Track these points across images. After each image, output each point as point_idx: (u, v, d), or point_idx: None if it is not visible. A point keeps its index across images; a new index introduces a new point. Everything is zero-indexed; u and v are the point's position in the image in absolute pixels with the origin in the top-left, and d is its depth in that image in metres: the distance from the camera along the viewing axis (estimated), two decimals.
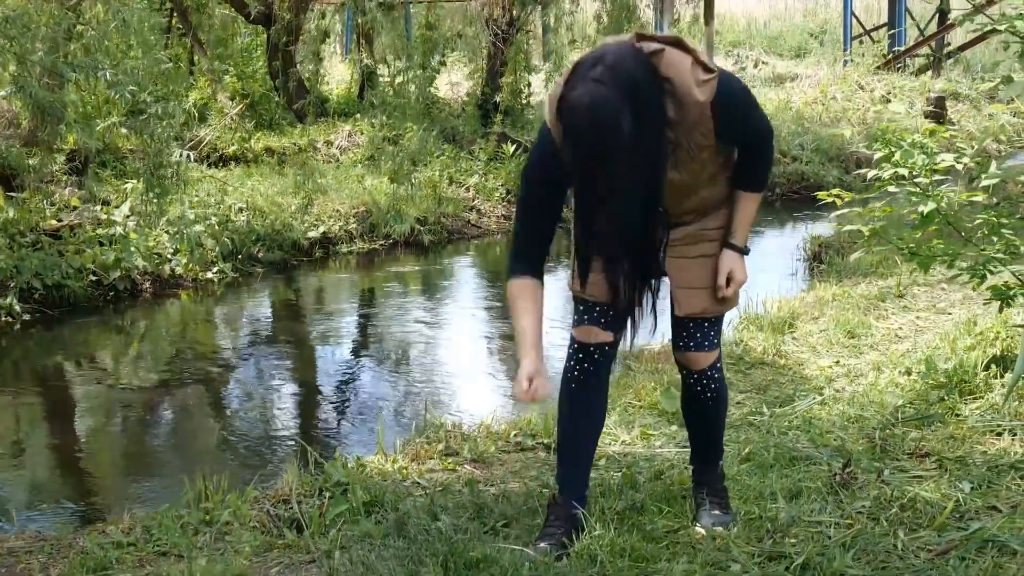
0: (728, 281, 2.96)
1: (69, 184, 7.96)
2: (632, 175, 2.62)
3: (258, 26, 12.28)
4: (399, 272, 8.66)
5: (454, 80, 13.48)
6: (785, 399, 4.46)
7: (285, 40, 11.38)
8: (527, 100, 12.45)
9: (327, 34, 12.04)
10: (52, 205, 7.74)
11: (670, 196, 2.80)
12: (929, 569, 2.84)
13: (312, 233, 8.79)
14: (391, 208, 9.14)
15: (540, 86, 12.22)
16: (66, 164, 7.37)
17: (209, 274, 7.89)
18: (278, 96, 11.91)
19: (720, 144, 2.81)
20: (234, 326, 7.34)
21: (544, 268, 2.91)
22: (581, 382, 3.01)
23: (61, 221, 7.68)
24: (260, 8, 11.73)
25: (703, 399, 3.09)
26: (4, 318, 6.79)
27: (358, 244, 9.00)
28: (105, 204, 8.08)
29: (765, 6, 26.00)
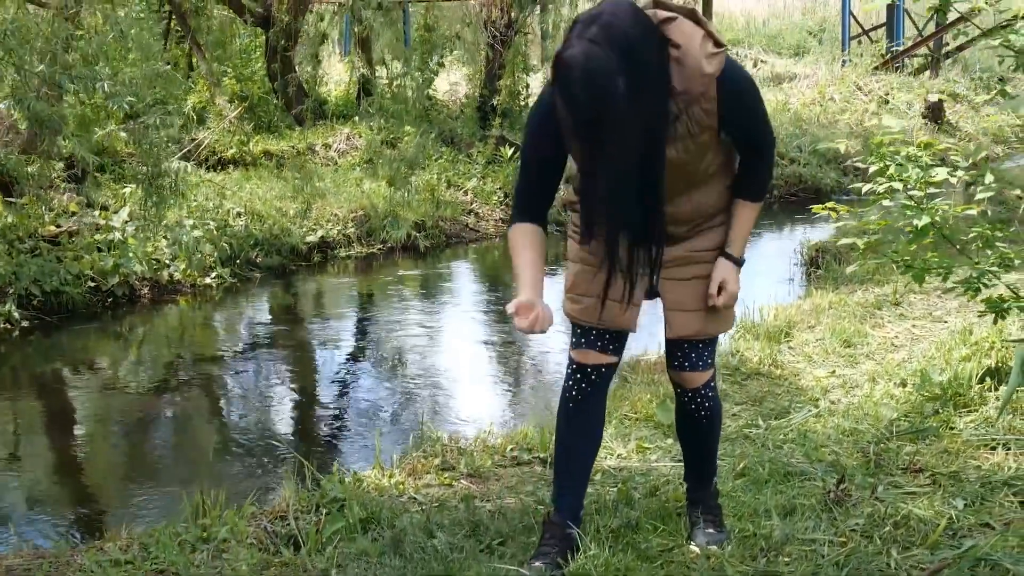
0: (720, 291, 2.93)
1: (68, 190, 7.97)
2: (628, 135, 2.56)
3: (257, 28, 12.30)
4: (397, 277, 8.68)
5: (453, 80, 13.51)
6: (781, 411, 4.48)
7: (284, 43, 11.39)
8: (525, 102, 12.46)
9: (325, 36, 12.04)
10: (51, 211, 7.75)
11: (667, 179, 2.75)
12: None
13: (310, 238, 8.81)
14: (389, 213, 9.15)
15: (538, 88, 12.25)
16: (65, 171, 7.39)
17: (208, 279, 7.91)
18: (277, 98, 11.91)
19: (722, 131, 2.77)
20: (232, 332, 7.35)
21: (547, 217, 2.88)
22: (578, 402, 3.02)
23: (60, 227, 7.69)
24: (259, 10, 11.75)
25: (697, 417, 3.10)
26: (3, 325, 6.81)
27: (356, 248, 9.02)
28: (104, 209, 8.10)
29: (764, 4, 26.00)
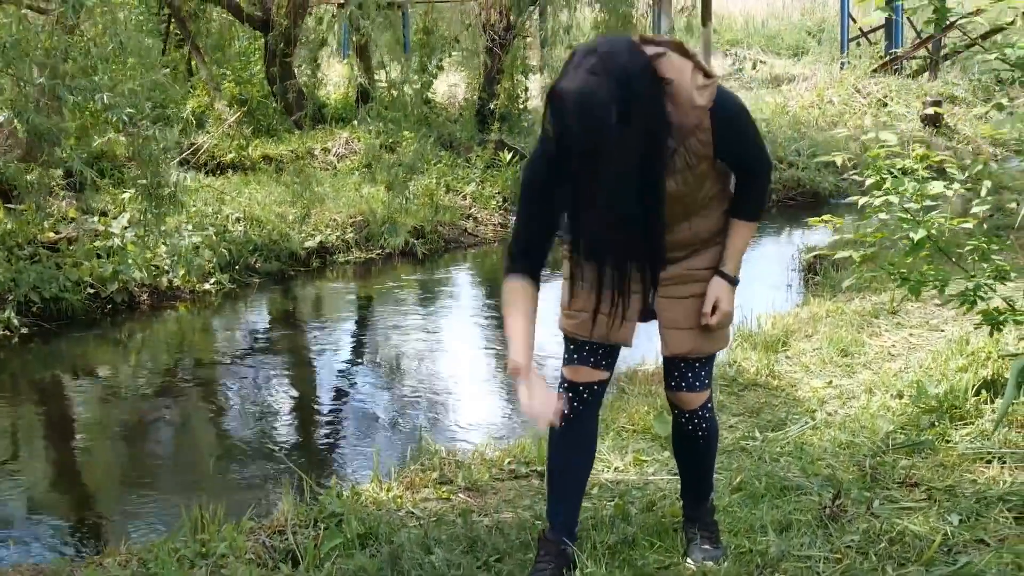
0: (714, 310, 2.94)
1: (67, 196, 7.99)
2: (624, 165, 2.59)
3: (256, 31, 12.31)
4: (395, 283, 8.69)
5: (452, 82, 13.51)
6: (777, 423, 4.49)
7: (283, 46, 11.40)
8: (524, 105, 12.48)
9: (324, 40, 12.05)
10: (50, 217, 7.76)
11: (666, 208, 2.78)
12: None
13: (309, 243, 8.82)
14: (387, 218, 9.17)
15: (537, 91, 12.27)
16: (64, 179, 7.40)
17: (207, 285, 7.93)
18: (276, 101, 11.92)
19: (717, 158, 2.80)
20: (231, 339, 7.37)
21: (541, 269, 2.89)
22: (570, 421, 3.03)
23: (59, 233, 7.71)
24: (258, 14, 11.76)
25: (694, 438, 3.11)
26: (2, 331, 6.84)
27: (355, 254, 9.03)
28: (103, 215, 8.12)
29: (763, 5, 26.02)
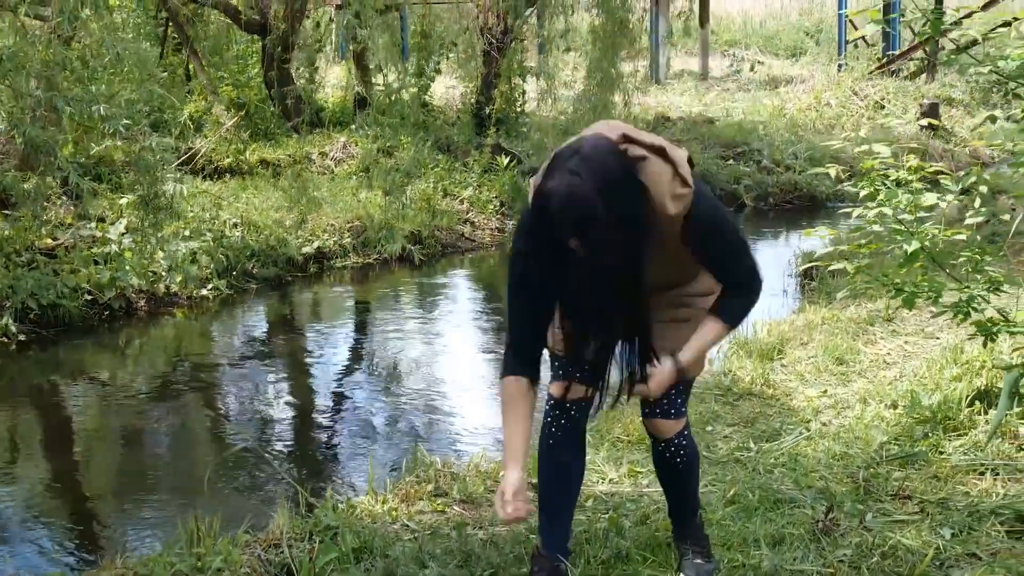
0: (643, 379, 2.88)
1: (64, 203, 8.00)
2: (607, 265, 2.64)
3: (254, 35, 12.31)
4: (393, 289, 8.70)
5: (449, 84, 13.52)
6: (772, 433, 4.50)
7: (280, 50, 11.40)
8: (521, 108, 12.49)
9: (321, 46, 12.06)
10: (47, 224, 7.77)
11: (653, 283, 2.82)
12: None
13: (306, 249, 8.83)
14: (384, 224, 9.17)
15: (535, 93, 12.26)
16: (60, 187, 7.42)
17: (204, 291, 7.93)
18: (274, 105, 11.93)
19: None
20: (228, 346, 7.37)
21: (539, 363, 2.91)
22: (559, 439, 3.06)
23: (57, 240, 7.72)
24: (255, 17, 11.77)
25: (672, 465, 3.12)
26: (0, 339, 6.84)
27: (352, 259, 9.04)
28: (101, 221, 8.13)
29: (761, 5, 26.03)
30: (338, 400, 6.22)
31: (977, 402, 4.42)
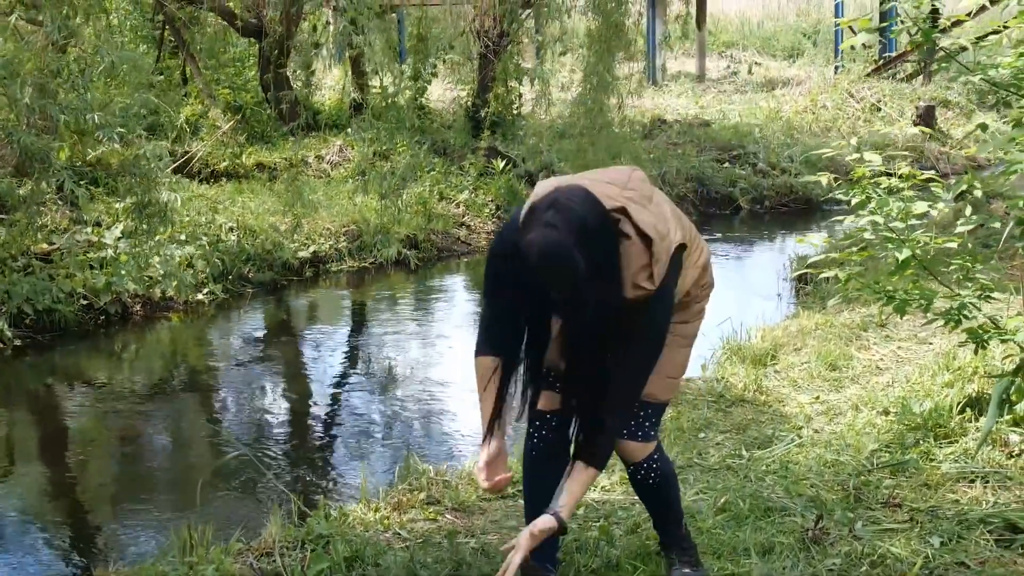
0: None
1: (60, 208, 8.01)
2: (585, 311, 2.70)
3: (250, 38, 12.32)
4: (388, 293, 8.71)
5: (446, 86, 13.51)
6: (764, 440, 4.52)
7: (277, 53, 11.40)
8: (517, 111, 12.49)
9: (318, 49, 12.05)
10: (43, 228, 7.78)
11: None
12: None
13: (302, 253, 8.84)
14: (380, 228, 9.18)
15: (532, 95, 12.26)
16: (56, 193, 7.43)
17: (200, 296, 7.94)
18: (270, 108, 11.93)
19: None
20: (223, 351, 7.38)
21: (510, 346, 2.94)
22: (541, 450, 3.09)
23: (52, 244, 7.72)
24: (252, 21, 11.77)
25: (646, 485, 3.14)
26: None
27: (348, 263, 9.05)
28: (97, 225, 8.13)
29: (758, 6, 26.05)
30: (333, 406, 6.24)
31: (968, 409, 4.44)
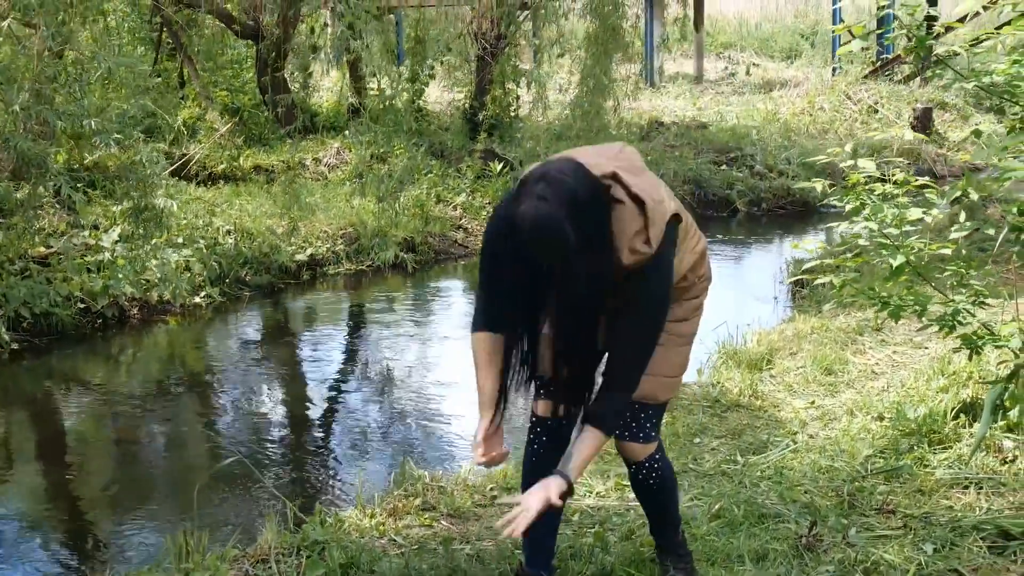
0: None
1: (58, 211, 8.01)
2: (578, 284, 2.68)
3: (248, 40, 12.33)
4: (385, 296, 8.71)
5: (443, 88, 13.52)
6: (759, 446, 4.53)
7: (274, 55, 11.41)
8: (515, 113, 12.50)
9: (317, 50, 12.06)
10: (41, 232, 7.78)
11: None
12: None
13: (300, 256, 8.84)
14: (378, 231, 9.19)
15: (529, 97, 12.27)
16: (54, 196, 7.44)
17: (197, 299, 7.95)
18: (268, 110, 11.94)
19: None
20: (220, 355, 7.39)
21: (506, 322, 2.93)
22: (541, 456, 3.09)
23: (50, 247, 7.73)
24: (249, 23, 11.78)
25: (646, 486, 3.14)
26: None
27: (345, 266, 9.06)
28: (94, 228, 8.14)
29: (756, 7, 26.06)
30: (329, 410, 6.25)
31: (962, 415, 4.45)
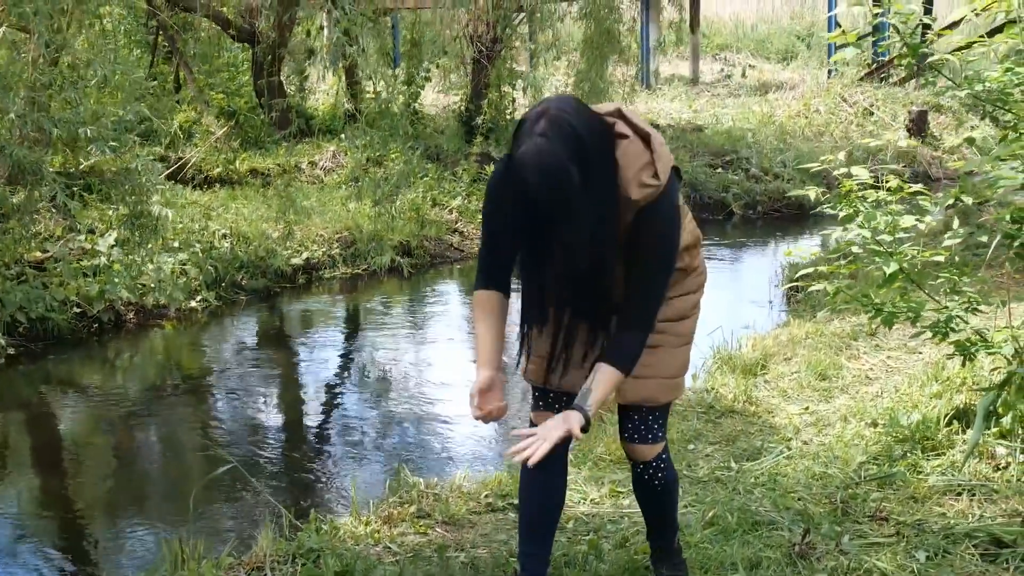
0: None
1: (54, 216, 8.02)
2: (584, 223, 2.63)
3: (244, 43, 12.34)
4: (381, 300, 8.73)
5: (439, 91, 13.53)
6: (753, 452, 4.54)
7: (270, 59, 11.42)
8: (511, 116, 12.52)
9: (312, 52, 12.09)
10: (37, 236, 7.78)
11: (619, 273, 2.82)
12: None
13: (295, 260, 8.85)
14: (374, 235, 9.20)
15: (524, 102, 12.31)
16: (49, 200, 7.45)
17: (193, 303, 7.95)
18: (264, 114, 11.95)
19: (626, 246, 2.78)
20: (216, 360, 7.39)
21: (508, 281, 2.94)
22: (539, 465, 3.07)
23: (46, 252, 7.73)
24: (245, 26, 11.79)
25: (651, 487, 3.15)
26: None
27: (341, 270, 9.07)
28: (91, 233, 8.14)
29: (752, 8, 26.10)
30: (325, 416, 6.26)
31: (956, 421, 4.47)
